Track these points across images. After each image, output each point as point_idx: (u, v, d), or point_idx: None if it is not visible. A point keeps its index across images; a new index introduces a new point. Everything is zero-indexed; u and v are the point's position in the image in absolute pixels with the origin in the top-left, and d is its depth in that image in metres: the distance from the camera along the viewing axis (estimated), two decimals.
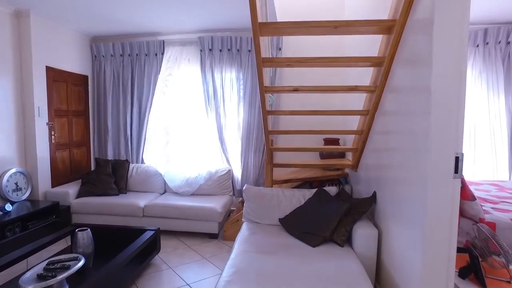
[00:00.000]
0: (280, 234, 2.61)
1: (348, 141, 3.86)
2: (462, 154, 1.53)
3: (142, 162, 4.36)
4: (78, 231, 2.40)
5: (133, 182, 4.10)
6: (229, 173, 4.09)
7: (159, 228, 2.86)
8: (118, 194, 3.87)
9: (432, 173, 1.56)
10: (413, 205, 1.75)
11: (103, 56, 4.36)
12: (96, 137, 4.50)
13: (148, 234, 2.78)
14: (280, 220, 2.79)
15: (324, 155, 3.95)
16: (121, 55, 4.31)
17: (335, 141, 3.92)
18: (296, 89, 2.42)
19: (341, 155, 3.91)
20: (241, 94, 4.17)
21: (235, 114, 4.21)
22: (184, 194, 3.94)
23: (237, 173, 4.26)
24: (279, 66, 2.34)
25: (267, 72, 4.06)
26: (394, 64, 2.09)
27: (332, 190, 2.91)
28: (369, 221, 2.45)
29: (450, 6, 1.47)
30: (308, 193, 2.94)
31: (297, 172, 3.77)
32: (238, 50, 4.10)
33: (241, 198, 4.28)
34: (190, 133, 4.28)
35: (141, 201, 3.66)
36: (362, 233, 2.28)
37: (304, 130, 2.80)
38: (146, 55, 4.26)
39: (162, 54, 4.23)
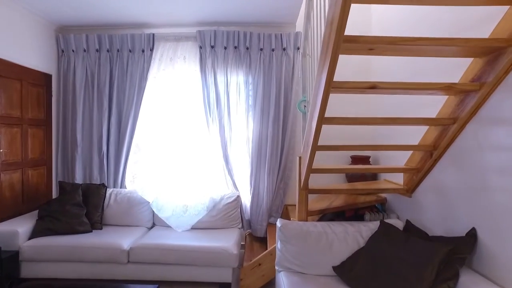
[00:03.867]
0: None
1: (383, 159, 3.21)
2: None
3: (123, 186, 3.39)
4: None
5: (111, 213, 3.11)
6: (238, 200, 3.25)
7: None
8: (91, 231, 2.87)
9: None
10: None
11: (73, 50, 3.41)
12: (60, 154, 3.46)
13: None
14: (336, 269, 2.01)
15: (352, 177, 3.27)
16: (97, 51, 3.40)
17: (366, 159, 3.27)
18: (373, 86, 1.71)
19: (373, 176, 3.25)
20: (250, 101, 3.41)
21: (243, 126, 3.42)
22: (180, 229, 3.02)
23: (244, 199, 3.43)
24: (360, 51, 1.63)
25: (278, 80, 3.35)
26: None
27: (397, 223, 2.20)
28: (472, 272, 1.74)
29: None
30: (365, 228, 2.20)
31: (324, 199, 3.03)
32: (247, 48, 3.36)
33: (248, 231, 3.44)
34: (187, 149, 3.40)
35: (124, 240, 2.70)
36: None
37: (361, 145, 2.09)
38: (130, 51, 3.38)
39: (151, 50, 3.38)
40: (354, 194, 2.91)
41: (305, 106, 2.42)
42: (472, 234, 1.78)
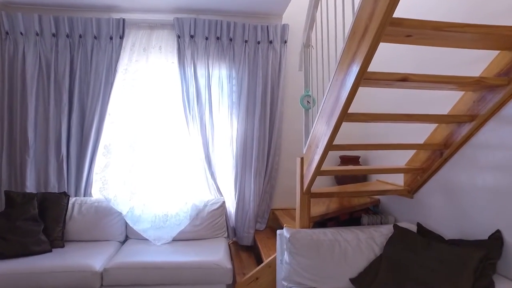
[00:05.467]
0: None
1: (373, 159, 3.13)
2: None
3: (88, 194, 2.89)
4: None
5: (75, 227, 2.62)
6: (223, 206, 2.94)
7: None
8: (50, 250, 2.38)
9: None
10: None
11: (21, 33, 2.84)
12: (5, 157, 2.85)
13: None
14: (354, 281, 1.82)
15: (342, 178, 3.14)
16: (53, 35, 2.87)
17: (355, 159, 3.16)
18: (404, 78, 1.55)
19: (364, 177, 3.15)
20: (234, 98, 3.12)
21: (226, 125, 3.12)
22: (160, 242, 2.64)
23: (228, 205, 3.13)
24: (397, 38, 1.45)
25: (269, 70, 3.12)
26: None
27: (411, 227, 2.06)
28: (503, 278, 1.64)
29: None
30: (377, 234, 2.04)
31: (319, 203, 2.84)
32: (230, 40, 3.07)
33: (232, 240, 3.14)
34: (164, 151, 2.99)
35: (96, 259, 2.26)
36: None
37: (377, 144, 1.93)
38: (95, 38, 2.91)
39: (121, 38, 2.94)
40: (351, 197, 2.77)
41: (308, 101, 2.21)
42: (497, 237, 1.69)
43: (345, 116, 1.64)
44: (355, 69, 1.44)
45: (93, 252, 2.38)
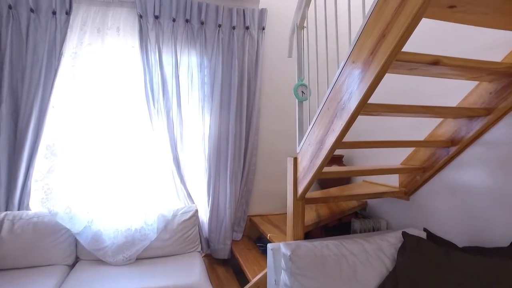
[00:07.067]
0: None
1: (356, 157, 2.94)
2: None
3: (24, 207, 2.29)
4: None
5: (3, 252, 2.02)
6: (196, 215, 2.53)
7: None
8: None
9: None
10: None
11: None
12: None
13: None
14: None
15: (326, 181, 2.91)
16: None
17: (339, 159, 2.93)
18: (436, 61, 1.29)
19: (348, 179, 2.93)
20: (206, 89, 2.72)
21: (197, 121, 2.71)
22: (120, 262, 2.15)
23: (201, 213, 2.72)
24: (438, 10, 1.18)
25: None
26: None
27: (420, 234, 1.84)
28: None
29: None
30: (384, 244, 1.78)
31: (306, 208, 2.55)
32: (202, 23, 2.67)
33: (204, 253, 2.73)
34: (124, 153, 2.49)
35: None
36: None
37: (392, 141, 1.67)
38: (32, 11, 2.33)
39: (67, 14, 2.39)
40: (345, 200, 2.53)
41: (303, 92, 1.90)
42: None
43: (362, 107, 1.35)
44: (387, 47, 1.15)
45: (30, 283, 1.83)
